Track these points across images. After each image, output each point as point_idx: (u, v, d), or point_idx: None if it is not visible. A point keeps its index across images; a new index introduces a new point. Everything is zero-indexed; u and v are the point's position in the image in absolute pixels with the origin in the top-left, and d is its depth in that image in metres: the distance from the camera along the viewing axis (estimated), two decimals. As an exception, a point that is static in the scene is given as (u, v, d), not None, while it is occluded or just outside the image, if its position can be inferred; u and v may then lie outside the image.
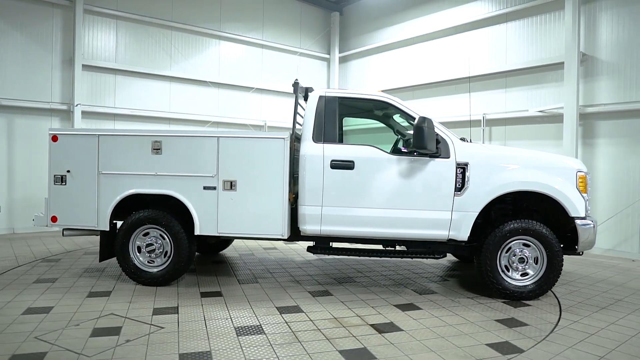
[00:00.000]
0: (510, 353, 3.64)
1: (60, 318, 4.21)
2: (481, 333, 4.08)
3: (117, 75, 9.86)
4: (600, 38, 7.87)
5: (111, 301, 4.76)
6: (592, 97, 7.96)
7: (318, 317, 4.41)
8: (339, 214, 5.14)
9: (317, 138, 5.22)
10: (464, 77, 9.92)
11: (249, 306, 4.72)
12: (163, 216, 5.29)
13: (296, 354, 3.54)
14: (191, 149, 5.24)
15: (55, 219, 5.45)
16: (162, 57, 10.51)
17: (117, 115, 9.88)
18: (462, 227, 5.04)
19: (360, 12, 12.95)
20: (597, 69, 7.91)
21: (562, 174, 5.07)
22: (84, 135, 5.42)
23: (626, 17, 7.57)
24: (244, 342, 3.76)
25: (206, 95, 11.24)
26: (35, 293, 4.97)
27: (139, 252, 5.41)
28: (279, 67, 12.56)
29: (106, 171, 5.35)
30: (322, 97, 5.36)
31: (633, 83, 7.47)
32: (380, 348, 3.71)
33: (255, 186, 5.19)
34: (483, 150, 5.19)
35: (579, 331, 4.16)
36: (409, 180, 5.08)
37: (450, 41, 10.40)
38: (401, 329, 4.15)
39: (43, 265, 6.32)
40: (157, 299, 4.86)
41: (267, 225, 5.20)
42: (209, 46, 11.29)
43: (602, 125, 7.88)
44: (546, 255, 5.01)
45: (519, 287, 5.05)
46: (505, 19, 9.29)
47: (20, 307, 4.50)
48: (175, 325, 4.09)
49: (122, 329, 3.96)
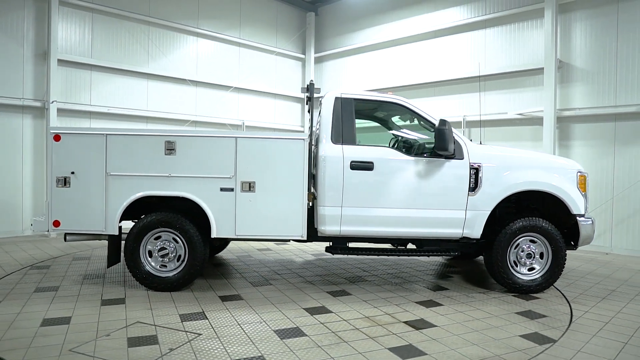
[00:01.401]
0: (545, 343, 3.87)
1: (85, 329, 3.97)
2: (509, 325, 4.30)
3: (93, 71, 9.35)
4: (575, 46, 8.46)
5: (130, 309, 4.55)
6: (568, 101, 8.54)
7: (350, 317, 4.45)
8: (358, 214, 5.20)
9: (336, 139, 5.25)
10: (445, 79, 10.29)
11: (276, 308, 4.68)
12: (177, 219, 5.12)
13: (349, 354, 3.57)
14: (207, 150, 5.10)
15: (58, 224, 5.12)
16: (139, 53, 10.08)
17: (93, 113, 9.37)
18: (475, 225, 5.27)
19: (336, 13, 13.06)
20: (572, 75, 8.49)
21: (565, 174, 5.42)
22: (90, 134, 5.12)
23: (598, 28, 8.18)
24: (291, 345, 3.73)
25: (184, 93, 10.91)
26: (43, 303, 4.65)
27: (150, 257, 5.21)
28: (256, 66, 12.42)
29: (115, 172, 5.09)
30: (338, 98, 5.40)
31: (605, 89, 8.10)
32: (425, 344, 3.81)
33: (274, 187, 5.13)
34: (494, 151, 5.44)
35: (594, 320, 4.48)
36: (426, 180, 5.23)
37: (430, 45, 10.74)
38: (434, 325, 4.28)
39: (34, 272, 5.91)
40: (178, 305, 4.70)
41: (286, 227, 5.17)
42: (187, 43, 10.96)
43: (577, 128, 8.47)
44: (551, 250, 5.34)
45: (528, 281, 5.35)
46: (484, 25, 9.74)
47: (34, 318, 4.20)
48: (211, 331, 3.99)
49: (158, 338, 3.81)
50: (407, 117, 6.22)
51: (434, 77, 10.52)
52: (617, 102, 7.95)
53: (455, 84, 10.15)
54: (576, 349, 3.74)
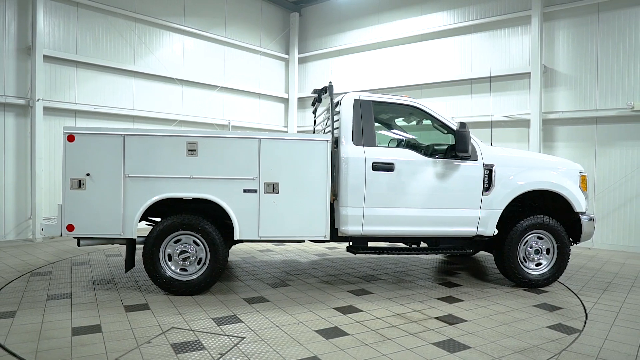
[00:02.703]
0: (573, 333, 4.11)
1: (121, 336, 3.85)
2: (533, 318, 4.53)
3: (78, 68, 8.96)
4: (558, 53, 8.95)
5: (157, 314, 4.43)
6: (552, 105, 9.02)
7: (382, 315, 4.54)
8: (380, 214, 5.30)
9: (357, 141, 5.32)
10: (432, 82, 10.59)
11: (306, 309, 4.70)
12: (199, 221, 5.03)
13: (398, 351, 3.66)
14: (230, 151, 5.04)
15: (72, 228, 4.90)
16: (125, 50, 9.74)
17: (79, 112, 8.98)
18: (489, 223, 5.50)
19: (319, 14, 13.14)
20: (556, 80, 8.98)
21: (568, 174, 5.75)
22: (106, 135, 4.93)
23: (580, 36, 8.69)
24: (339, 344, 3.78)
25: (170, 93, 10.65)
26: (62, 311, 4.45)
27: (169, 261, 5.09)
28: (241, 66, 12.30)
29: (133, 174, 4.93)
30: (357, 100, 5.47)
31: (587, 94, 8.62)
32: (465, 338, 3.96)
33: (297, 188, 5.14)
34: (505, 153, 5.69)
35: (606, 311, 4.79)
36: (444, 181, 5.40)
37: (417, 48, 11.02)
38: (464, 320, 4.44)
39: (37, 279, 5.62)
40: (207, 309, 4.62)
41: (309, 228, 5.19)
42: (173, 41, 10.70)
43: (561, 130, 8.97)
44: (557, 246, 5.66)
45: (537, 275, 5.64)
46: (470, 30, 10.11)
47: (61, 327, 4.01)
48: (253, 334, 3.96)
49: (203, 343, 3.75)
50: (413, 118, 6.41)
51: (421, 80, 10.81)
52: (597, 106, 8.48)
53: (443, 87, 10.47)
54: (603, 338, 4.01)
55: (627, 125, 8.16)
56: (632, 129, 8.11)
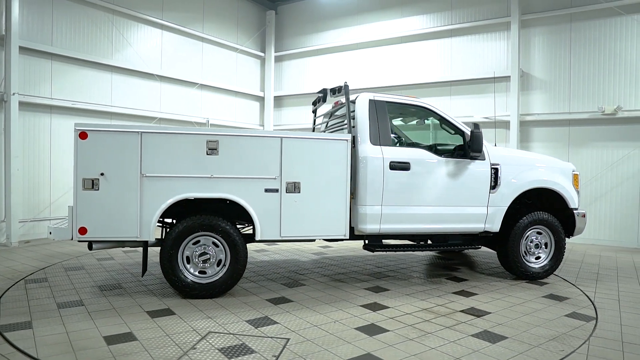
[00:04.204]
0: (591, 320, 4.42)
1: (161, 344, 3.69)
2: (548, 308, 4.81)
3: (54, 61, 8.41)
4: (534, 58, 9.50)
5: (187, 319, 4.28)
6: (528, 107, 9.56)
7: (410, 311, 4.65)
8: (396, 213, 5.41)
9: (375, 140, 5.40)
10: (412, 83, 10.88)
11: (334, 308, 4.72)
12: (220, 222, 4.91)
13: (443, 344, 3.77)
14: (252, 150, 4.95)
15: (84, 231, 4.62)
16: (103, 43, 9.25)
17: (54, 107, 8.44)
18: (495, 220, 5.77)
19: (296, 13, 13.11)
20: (532, 84, 9.53)
21: (563, 173, 6.14)
22: (122, 132, 4.69)
23: (554, 43, 9.28)
24: (385, 340, 3.83)
25: (149, 89, 10.24)
26: (82, 320, 4.19)
27: (188, 263, 4.92)
28: (218, 63, 12.05)
29: (150, 174, 4.73)
30: (372, 100, 5.55)
31: (560, 97, 9.22)
32: (498, 329, 4.15)
33: (318, 187, 5.14)
34: (508, 153, 6.00)
35: (608, 299, 5.18)
36: (455, 179, 5.61)
37: (397, 49, 11.28)
38: (488, 312, 4.65)
39: (35, 287, 5.24)
40: (235, 311, 4.52)
41: (329, 227, 5.21)
42: (152, 35, 10.29)
43: (536, 132, 9.52)
44: (554, 240, 6.03)
45: (539, 268, 5.98)
46: (450, 34, 10.49)
47: (91, 337, 3.78)
48: (296, 335, 3.93)
49: (249, 346, 3.68)
50: (413, 119, 6.60)
51: (401, 81, 11.08)
52: (571, 109, 9.10)
53: (423, 88, 10.78)
54: (618, 323, 4.34)
55: (598, 128, 8.81)
56: (602, 131, 8.77)
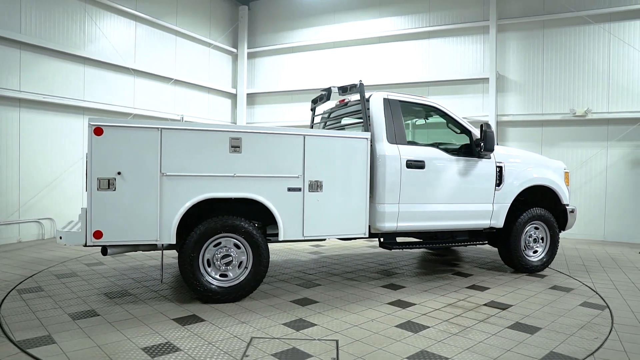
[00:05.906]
0: (604, 309, 4.71)
1: (208, 353, 3.49)
2: (560, 298, 5.07)
3: (23, 51, 7.70)
4: (509, 61, 9.98)
5: (220, 325, 4.08)
6: (504, 108, 10.02)
7: (437, 306, 4.72)
8: (412, 210, 5.48)
9: (391, 139, 5.43)
10: (390, 83, 11.06)
11: (362, 306, 4.69)
12: (242, 223, 4.72)
13: (487, 337, 3.86)
14: (275, 148, 4.82)
15: (100, 235, 4.27)
16: (75, 33, 8.60)
17: (23, 100, 7.73)
18: (500, 216, 6.00)
19: (270, 9, 12.91)
20: (507, 86, 10.00)
21: (556, 171, 6.50)
22: (140, 128, 4.38)
23: (528, 47, 9.80)
24: (430, 336, 3.87)
25: (122, 83, 9.66)
26: (107, 331, 3.87)
27: (209, 266, 4.70)
28: (191, 58, 11.62)
29: (171, 172, 4.46)
30: (386, 99, 5.57)
31: (534, 99, 9.75)
32: (527, 320, 4.31)
33: (339, 186, 5.10)
34: (510, 152, 6.26)
35: (609, 289, 5.54)
36: (465, 177, 5.77)
37: (375, 49, 11.42)
38: (509, 304, 4.82)
39: (32, 297, 4.78)
40: (266, 315, 4.38)
41: (350, 225, 5.19)
42: (125, 26, 9.71)
43: (512, 132, 10.01)
44: (549, 234, 6.37)
45: (538, 261, 6.29)
46: (428, 35, 10.77)
47: (128, 349, 3.51)
48: (342, 336, 3.87)
49: (301, 350, 3.57)
50: (419, 117, 6.73)
51: (379, 81, 11.22)
52: (544, 110, 9.65)
53: (401, 88, 10.96)
54: (629, 310, 4.66)
55: (570, 128, 9.42)
56: (573, 131, 9.38)
